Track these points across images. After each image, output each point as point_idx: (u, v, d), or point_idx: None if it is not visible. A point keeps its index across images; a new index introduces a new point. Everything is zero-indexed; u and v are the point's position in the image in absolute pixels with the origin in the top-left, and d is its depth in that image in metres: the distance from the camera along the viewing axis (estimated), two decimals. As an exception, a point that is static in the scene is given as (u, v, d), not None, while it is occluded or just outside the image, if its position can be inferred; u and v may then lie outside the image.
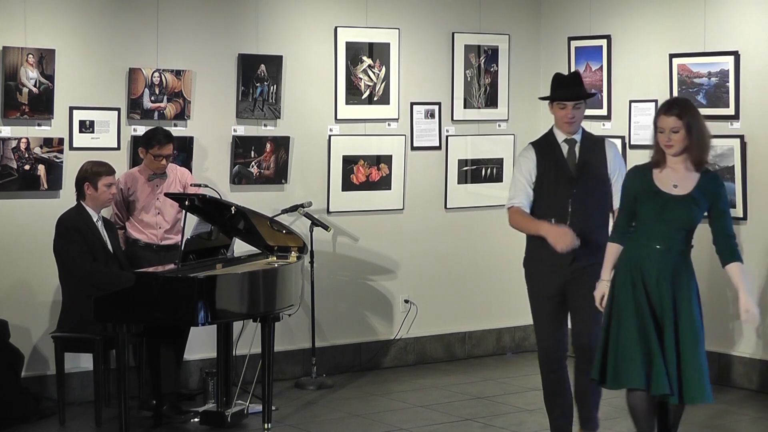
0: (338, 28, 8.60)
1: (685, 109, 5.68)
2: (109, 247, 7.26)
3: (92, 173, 7.19)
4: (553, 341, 6.35)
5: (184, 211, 7.18)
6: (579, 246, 6.04)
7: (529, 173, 6.25)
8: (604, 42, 8.96)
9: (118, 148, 7.83)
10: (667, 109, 5.69)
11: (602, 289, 5.83)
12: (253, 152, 8.29)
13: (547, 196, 6.22)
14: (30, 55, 7.48)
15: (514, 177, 6.33)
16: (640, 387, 5.63)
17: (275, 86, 8.33)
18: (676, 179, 5.67)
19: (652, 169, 5.73)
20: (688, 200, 5.63)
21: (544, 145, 6.32)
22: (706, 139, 5.73)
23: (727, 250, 5.69)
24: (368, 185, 8.78)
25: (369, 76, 8.74)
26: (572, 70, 9.16)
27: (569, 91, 6.27)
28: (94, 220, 7.22)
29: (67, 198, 7.47)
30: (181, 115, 8.01)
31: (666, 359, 5.58)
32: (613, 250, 5.82)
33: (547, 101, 6.32)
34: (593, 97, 6.48)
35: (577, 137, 6.30)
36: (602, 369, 5.75)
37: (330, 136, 8.60)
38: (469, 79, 9.16)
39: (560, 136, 6.29)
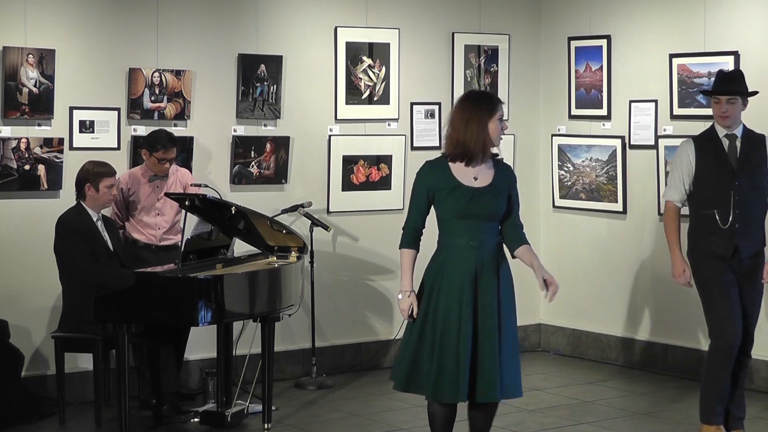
0: (338, 28, 8.60)
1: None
2: (110, 246, 7.25)
3: (94, 174, 7.18)
4: (736, 330, 6.52)
5: (183, 212, 7.17)
6: (741, 237, 6.43)
7: (687, 167, 6.55)
8: (604, 42, 8.96)
9: (118, 148, 7.84)
10: (498, 98, 5.67)
11: (409, 301, 5.65)
12: (253, 152, 8.29)
13: (708, 189, 6.50)
14: (30, 55, 7.48)
15: (672, 170, 6.67)
16: (429, 396, 5.59)
17: (275, 86, 8.33)
18: (475, 171, 5.58)
19: (447, 163, 5.60)
20: (490, 191, 5.55)
21: (704, 140, 6.58)
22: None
23: (516, 237, 5.66)
24: (368, 185, 8.78)
25: (369, 76, 8.74)
26: (572, 70, 9.18)
27: (725, 86, 6.52)
28: (94, 219, 7.22)
29: (67, 198, 7.47)
30: (181, 115, 8.01)
31: (461, 363, 5.47)
32: (411, 257, 5.75)
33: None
34: (753, 95, 6.67)
35: (738, 132, 6.56)
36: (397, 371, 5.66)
37: (330, 136, 8.60)
38: (469, 79, 9.16)
39: (721, 132, 6.55)
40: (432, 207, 5.67)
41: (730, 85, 6.54)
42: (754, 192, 6.52)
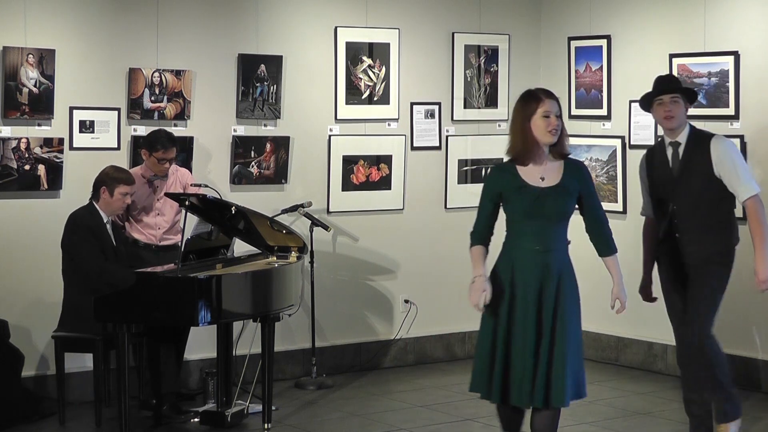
0: (338, 28, 8.60)
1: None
2: (116, 249, 7.27)
3: (111, 178, 7.19)
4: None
5: (183, 212, 7.18)
6: (686, 246, 6.35)
7: (643, 180, 6.56)
8: (604, 42, 8.96)
9: (118, 148, 7.84)
10: (548, 93, 5.55)
11: (482, 283, 5.47)
12: (253, 152, 8.29)
13: (656, 199, 6.48)
14: (30, 55, 7.48)
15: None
16: (492, 400, 5.57)
17: (275, 86, 8.33)
18: (542, 171, 5.52)
19: (515, 165, 5.53)
20: (557, 191, 5.48)
21: (653, 151, 6.51)
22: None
23: (603, 243, 5.66)
24: (368, 185, 8.78)
25: (369, 76, 8.74)
26: (572, 70, 9.18)
27: (665, 86, 6.39)
28: (104, 221, 7.24)
29: (67, 198, 7.47)
30: (181, 115, 8.01)
31: (526, 367, 5.43)
32: (481, 251, 5.59)
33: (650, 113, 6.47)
34: (694, 95, 6.50)
35: (682, 139, 6.36)
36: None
37: (330, 136, 8.60)
38: (469, 79, 9.16)
39: (666, 140, 6.43)
40: (500, 210, 5.60)
41: (670, 85, 6.37)
42: (697, 200, 6.31)
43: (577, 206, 5.58)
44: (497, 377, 5.48)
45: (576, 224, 5.67)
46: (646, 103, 6.45)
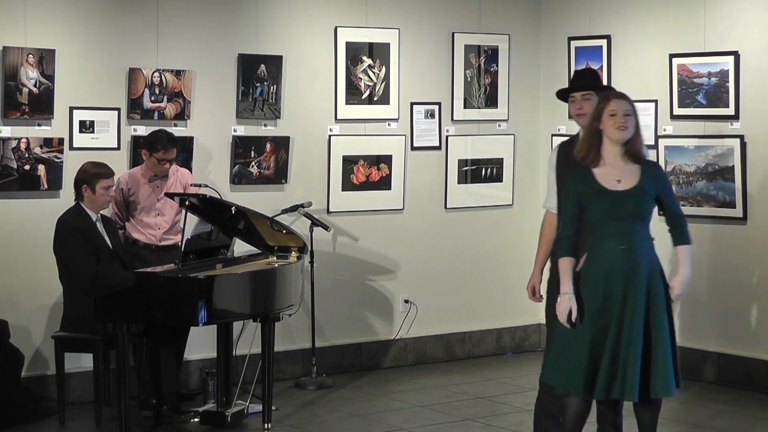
0: (338, 28, 8.60)
1: (631, 100, 5.68)
2: (110, 245, 7.25)
3: (90, 175, 7.17)
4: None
5: (183, 212, 7.18)
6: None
7: (553, 174, 6.27)
8: (604, 42, 8.96)
9: (118, 148, 7.83)
10: (617, 95, 5.67)
11: (568, 302, 5.60)
12: (253, 152, 8.29)
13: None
14: (30, 55, 7.48)
15: (548, 178, 6.41)
16: (577, 395, 5.60)
17: (275, 86, 8.33)
18: (618, 174, 5.60)
19: (590, 169, 5.61)
20: (634, 193, 5.55)
21: (567, 145, 6.25)
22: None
23: (677, 235, 5.68)
24: (368, 185, 8.78)
25: (369, 76, 8.74)
26: (572, 70, 9.16)
27: (578, 82, 6.25)
28: (94, 220, 7.22)
29: (67, 198, 7.46)
30: (181, 115, 8.01)
31: (619, 362, 5.48)
32: (570, 264, 5.65)
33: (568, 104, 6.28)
34: (608, 89, 6.39)
35: None
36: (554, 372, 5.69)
37: (330, 136, 8.60)
38: (469, 79, 9.16)
39: (580, 135, 6.14)
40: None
41: (584, 81, 6.25)
42: None
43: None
44: (603, 373, 5.53)
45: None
46: (562, 97, 6.31)
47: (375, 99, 8.77)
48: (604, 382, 5.51)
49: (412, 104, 8.94)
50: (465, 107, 9.15)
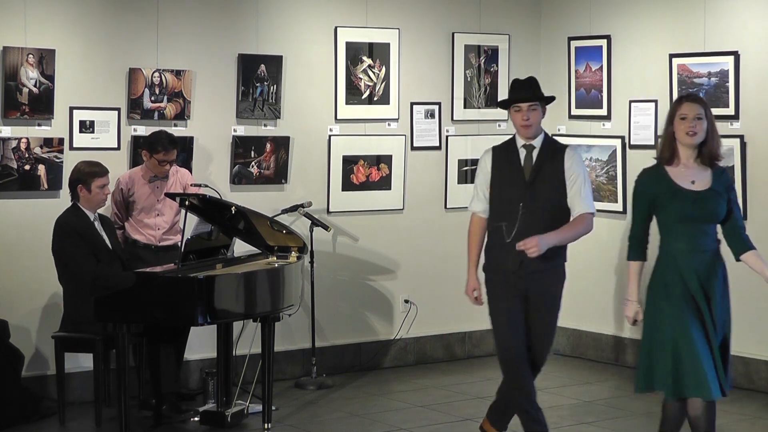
0: (338, 28, 8.60)
1: (704, 102, 5.75)
2: (109, 245, 7.25)
3: (85, 174, 7.17)
4: (519, 349, 6.19)
5: (183, 212, 7.17)
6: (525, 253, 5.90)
7: (485, 177, 6.20)
8: (604, 42, 8.96)
9: (118, 148, 7.84)
10: (689, 97, 5.75)
11: (634, 308, 5.79)
12: (253, 152, 8.29)
13: (500, 201, 6.13)
14: (30, 55, 7.48)
15: (475, 181, 6.32)
16: (668, 393, 5.67)
17: (275, 86, 8.33)
18: (692, 175, 5.69)
19: (664, 168, 5.72)
20: (710, 195, 5.65)
21: (502, 150, 6.21)
22: (718, 134, 5.74)
23: (741, 242, 5.76)
24: (368, 185, 8.78)
25: (369, 76, 8.74)
26: (572, 70, 9.18)
27: (524, 93, 6.14)
28: (91, 219, 7.22)
29: (67, 198, 7.46)
30: (181, 115, 8.01)
31: (701, 359, 5.59)
32: (639, 268, 5.80)
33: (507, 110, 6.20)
34: (551, 101, 6.28)
35: (537, 143, 6.13)
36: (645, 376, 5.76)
37: (330, 136, 8.60)
38: (469, 79, 9.16)
39: (520, 141, 6.16)
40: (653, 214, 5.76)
41: (529, 92, 6.17)
42: (546, 205, 6.05)
43: None
44: (689, 370, 5.60)
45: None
46: (504, 106, 6.25)
47: (375, 99, 8.77)
48: (693, 382, 5.58)
49: (412, 104, 8.94)
50: (465, 107, 9.16)
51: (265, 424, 7.04)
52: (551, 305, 6.26)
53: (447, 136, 9.09)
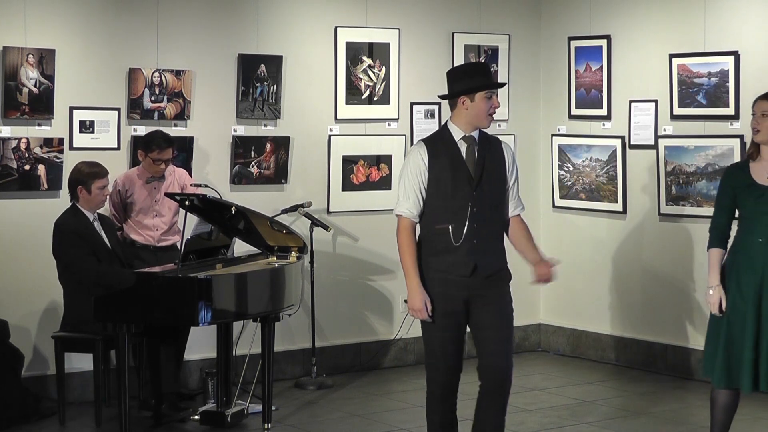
0: (338, 28, 8.60)
1: None
2: (108, 245, 7.25)
3: (85, 175, 7.17)
4: (455, 369, 5.65)
5: (183, 212, 7.17)
6: (480, 255, 5.46)
7: (420, 175, 5.49)
8: (604, 42, 8.96)
9: (118, 148, 7.84)
10: (764, 95, 5.96)
11: (718, 294, 5.88)
12: (253, 152, 8.29)
13: (443, 200, 5.48)
14: (30, 55, 7.48)
15: (402, 179, 5.55)
16: (720, 386, 5.85)
17: (275, 86, 8.33)
18: None
19: (748, 164, 5.91)
20: None
21: (437, 143, 5.53)
22: None
23: None
24: (368, 185, 8.78)
25: (369, 76, 8.74)
26: (572, 70, 9.17)
27: (494, 79, 5.78)
28: (90, 220, 7.22)
29: (67, 198, 7.45)
30: (181, 115, 8.01)
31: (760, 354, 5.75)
32: (719, 256, 5.93)
33: (457, 95, 5.49)
34: (502, 86, 5.88)
35: (475, 134, 5.55)
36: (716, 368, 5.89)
37: (330, 136, 8.60)
38: (469, 79, 9.14)
39: (457, 134, 5.52)
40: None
41: (496, 78, 5.96)
42: (494, 202, 5.54)
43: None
44: (746, 364, 5.76)
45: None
46: (463, 93, 5.54)
47: (375, 99, 8.77)
48: (750, 375, 5.74)
49: (412, 104, 8.94)
50: (465, 107, 9.14)
51: (265, 424, 7.04)
52: (508, 304, 5.60)
53: (447, 136, 9.07)
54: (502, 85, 5.82)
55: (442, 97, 5.71)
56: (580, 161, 9.11)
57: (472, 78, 5.51)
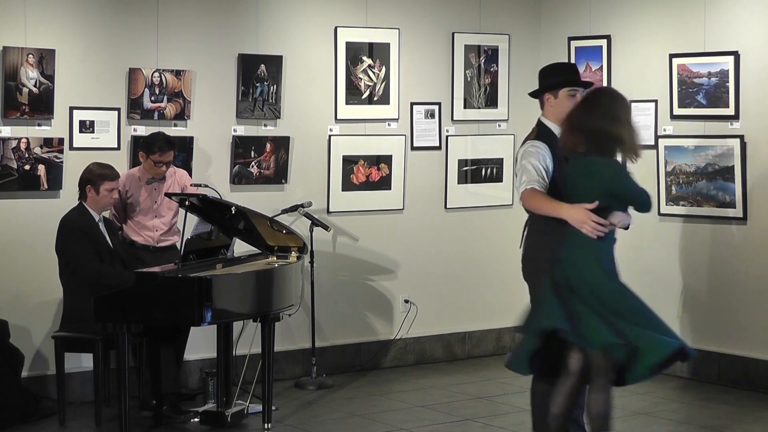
0: (338, 28, 8.60)
1: None
2: (111, 247, 7.26)
3: (96, 176, 7.19)
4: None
5: (183, 212, 7.17)
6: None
7: (546, 162, 5.79)
8: (604, 42, 8.96)
9: (118, 148, 7.84)
10: None
11: None
12: (253, 152, 8.29)
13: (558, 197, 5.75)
14: (30, 55, 7.48)
15: (527, 164, 5.78)
16: None
17: (275, 86, 8.33)
18: None
19: None
20: None
21: (552, 141, 5.84)
22: None
23: None
24: (368, 185, 8.78)
25: (369, 76, 8.74)
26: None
27: (579, 76, 6.03)
28: (96, 220, 7.23)
29: (67, 198, 7.47)
30: (181, 115, 8.01)
31: None
32: None
33: (542, 92, 5.96)
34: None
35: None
36: None
37: (330, 136, 8.60)
38: (469, 79, 9.16)
39: (555, 129, 5.86)
40: None
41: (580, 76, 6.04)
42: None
43: None
44: None
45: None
46: (551, 88, 6.00)
47: (375, 99, 8.77)
48: None
49: (412, 104, 8.94)
50: (465, 107, 9.16)
51: (265, 424, 7.04)
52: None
53: (447, 136, 9.09)
54: (588, 84, 6.07)
55: (531, 94, 6.15)
56: (580, 161, 9.11)
57: (557, 75, 5.99)
